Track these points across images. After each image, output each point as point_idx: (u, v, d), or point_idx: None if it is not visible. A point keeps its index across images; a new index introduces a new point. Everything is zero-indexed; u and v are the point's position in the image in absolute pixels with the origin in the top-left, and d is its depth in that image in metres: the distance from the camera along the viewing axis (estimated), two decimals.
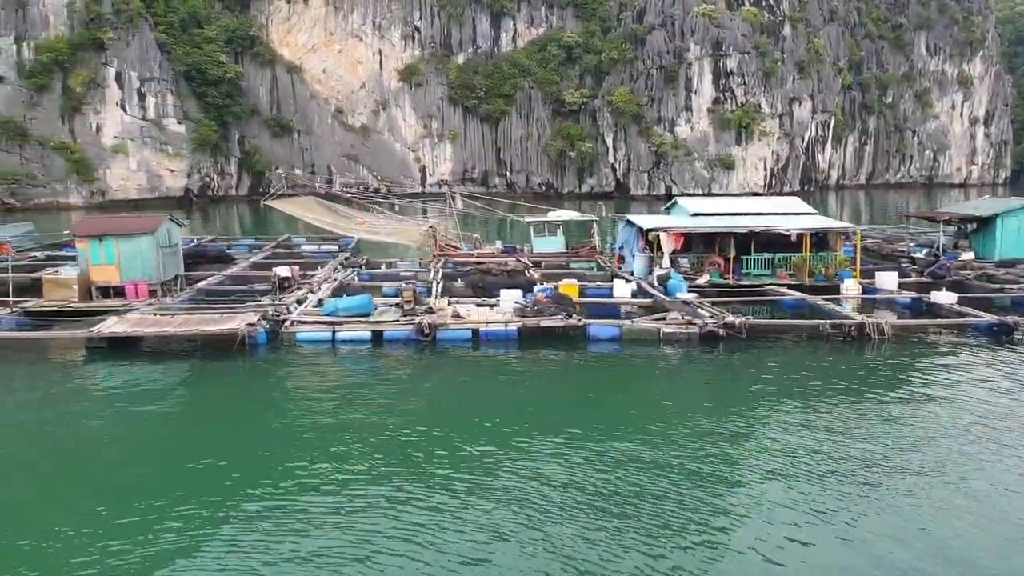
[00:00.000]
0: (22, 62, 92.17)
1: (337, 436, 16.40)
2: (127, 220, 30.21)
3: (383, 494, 13.43)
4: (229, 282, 32.95)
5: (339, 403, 18.75)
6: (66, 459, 15.65)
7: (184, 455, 15.54)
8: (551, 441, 15.83)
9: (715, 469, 14.45)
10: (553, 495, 13.27)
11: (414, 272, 36.43)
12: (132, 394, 19.72)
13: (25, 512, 13.04)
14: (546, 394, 19.95)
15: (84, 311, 26.11)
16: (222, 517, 12.72)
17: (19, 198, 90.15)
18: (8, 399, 19.54)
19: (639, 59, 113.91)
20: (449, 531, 12.08)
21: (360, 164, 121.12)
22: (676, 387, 20.86)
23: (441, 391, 20.12)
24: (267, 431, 16.97)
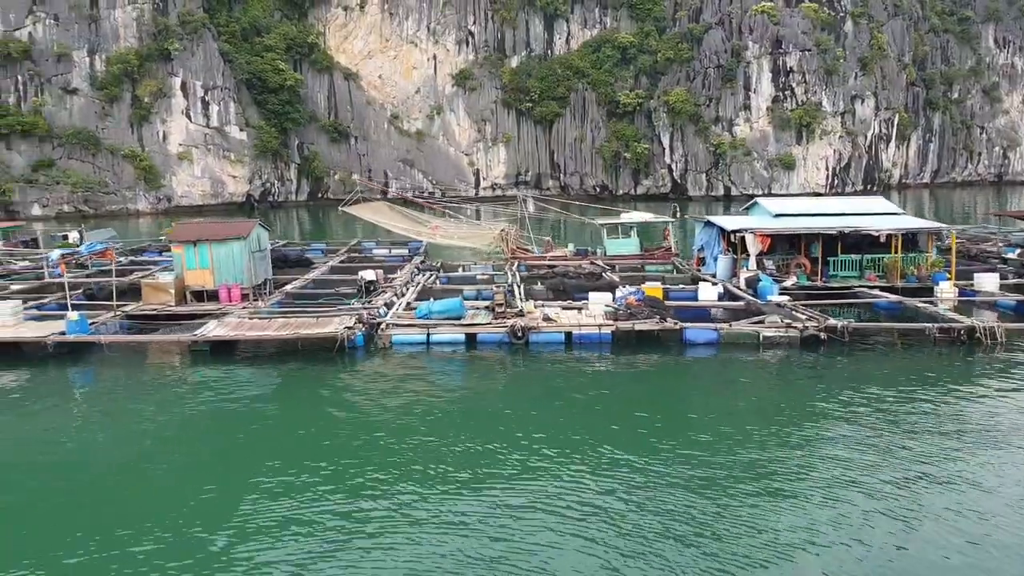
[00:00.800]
0: (94, 74, 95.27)
1: (436, 436, 16.55)
2: (220, 226, 30.85)
3: (480, 498, 13.47)
4: (313, 286, 33.38)
5: (437, 405, 18.88)
6: (178, 455, 15.94)
7: (290, 453, 15.85)
8: (650, 448, 15.57)
9: (831, 481, 13.99)
10: (648, 509, 12.94)
11: (490, 275, 36.50)
12: (237, 395, 20.09)
13: (129, 506, 13.31)
14: (643, 399, 19.60)
15: (181, 315, 26.70)
16: (326, 509, 13.12)
17: (92, 205, 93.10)
18: (121, 400, 20.04)
19: (696, 58, 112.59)
20: (546, 544, 11.91)
21: (415, 169, 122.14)
22: (780, 393, 20.33)
23: (536, 395, 19.98)
24: (369, 430, 17.19)
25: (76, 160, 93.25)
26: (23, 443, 17.01)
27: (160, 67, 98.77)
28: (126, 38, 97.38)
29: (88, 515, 13.35)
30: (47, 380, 21.91)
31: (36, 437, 17.41)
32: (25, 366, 22.87)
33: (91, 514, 13.39)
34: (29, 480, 14.82)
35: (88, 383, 22.18)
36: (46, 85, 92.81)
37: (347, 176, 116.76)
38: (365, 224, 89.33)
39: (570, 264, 38.22)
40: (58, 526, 12.83)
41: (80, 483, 14.81)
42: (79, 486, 14.67)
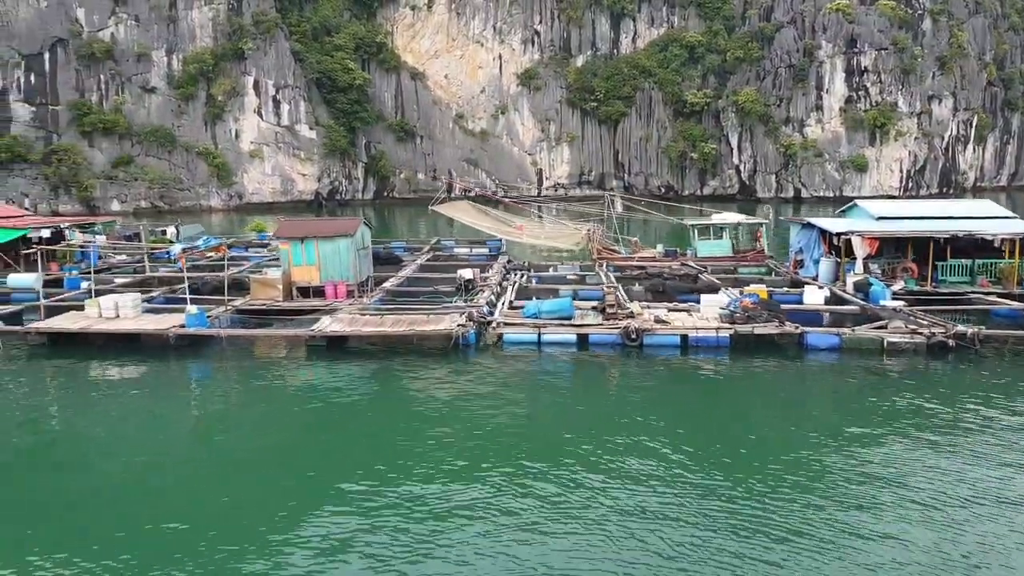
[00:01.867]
0: (172, 73, 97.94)
1: (551, 437, 16.46)
2: (327, 223, 31.23)
3: (595, 503, 13.19)
4: (407, 283, 33.55)
5: (551, 405, 18.81)
6: (301, 446, 16.04)
7: (408, 446, 15.92)
8: (776, 459, 14.97)
9: (991, 502, 13.33)
10: (771, 528, 12.40)
11: (579, 275, 36.23)
12: (355, 389, 20.32)
13: (243, 495, 13.39)
14: (764, 406, 19.01)
15: (289, 310, 27.06)
16: (439, 502, 13.18)
17: (167, 201, 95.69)
18: (242, 393, 20.35)
19: (766, 58, 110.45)
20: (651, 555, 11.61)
21: (479, 168, 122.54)
22: (910, 402, 19.41)
23: (650, 399, 19.59)
24: (484, 428, 17.14)
25: (153, 157, 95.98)
26: (152, 432, 17.34)
27: (234, 66, 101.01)
28: (202, 38, 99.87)
29: (206, 504, 13.54)
30: (169, 371, 22.38)
31: (162, 427, 17.78)
32: (146, 357, 23.40)
33: (209, 503, 13.56)
34: (160, 465, 15.08)
35: (207, 375, 22.56)
36: (126, 84, 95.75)
37: (412, 175, 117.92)
38: (430, 221, 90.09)
39: (659, 265, 37.68)
40: (173, 511, 13.02)
41: (206, 473, 15.01)
42: (207, 475, 14.87)
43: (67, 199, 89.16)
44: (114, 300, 24.85)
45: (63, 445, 16.86)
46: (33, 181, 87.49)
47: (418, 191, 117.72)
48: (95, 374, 22.13)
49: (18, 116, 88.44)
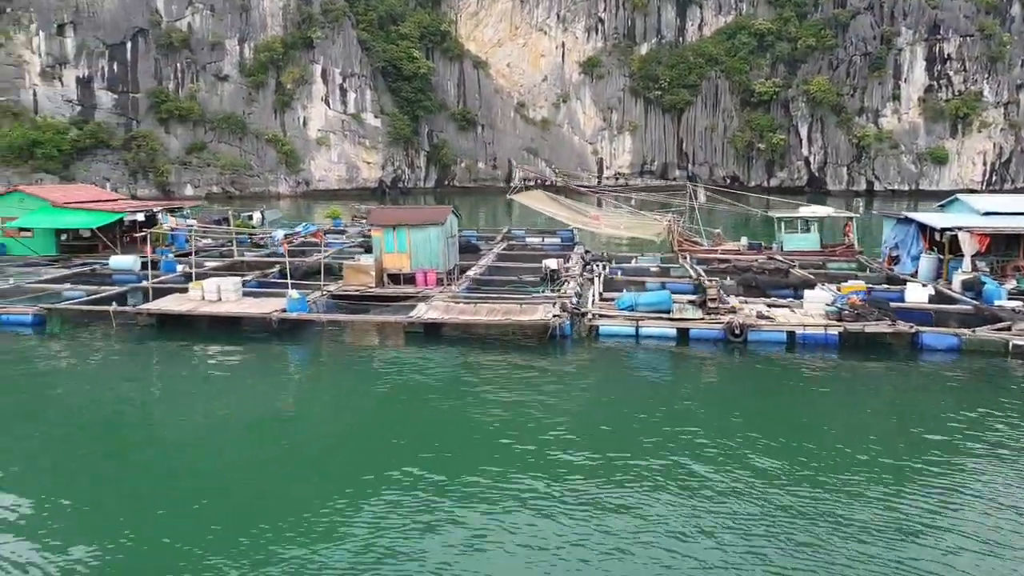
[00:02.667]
0: (243, 61, 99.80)
1: (650, 432, 16.10)
2: (419, 211, 31.38)
3: (688, 506, 12.77)
4: (488, 272, 33.45)
5: (650, 400, 18.38)
6: (398, 432, 15.96)
7: (505, 436, 15.81)
8: (892, 469, 14.17)
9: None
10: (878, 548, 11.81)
11: (662, 267, 35.67)
12: (452, 376, 20.32)
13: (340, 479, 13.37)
14: (876, 410, 18.05)
15: (382, 296, 27.24)
16: (530, 497, 12.75)
17: (237, 186, 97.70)
18: (343, 377, 20.50)
19: (840, 46, 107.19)
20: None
21: (539, 157, 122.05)
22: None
23: (754, 396, 19.04)
24: (582, 420, 16.89)
25: (225, 144, 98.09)
26: (249, 412, 17.56)
27: (302, 55, 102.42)
28: (272, 27, 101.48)
29: (291, 484, 13.63)
30: (269, 354, 22.68)
31: (260, 407, 18.02)
32: (248, 340, 23.81)
33: (295, 484, 13.62)
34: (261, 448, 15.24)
35: (306, 359, 22.83)
36: (201, 72, 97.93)
37: (473, 164, 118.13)
38: (490, 210, 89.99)
39: (744, 258, 36.85)
40: (259, 489, 13.10)
41: (300, 455, 15.09)
42: (300, 456, 14.94)
43: (144, 184, 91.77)
44: (217, 283, 25.35)
45: (165, 421, 17.23)
46: (114, 166, 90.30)
47: (478, 180, 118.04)
48: (200, 355, 22.60)
49: (102, 103, 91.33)
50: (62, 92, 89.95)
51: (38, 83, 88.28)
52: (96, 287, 29.24)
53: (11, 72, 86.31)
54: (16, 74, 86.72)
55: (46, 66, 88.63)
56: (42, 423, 16.84)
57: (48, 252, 37.58)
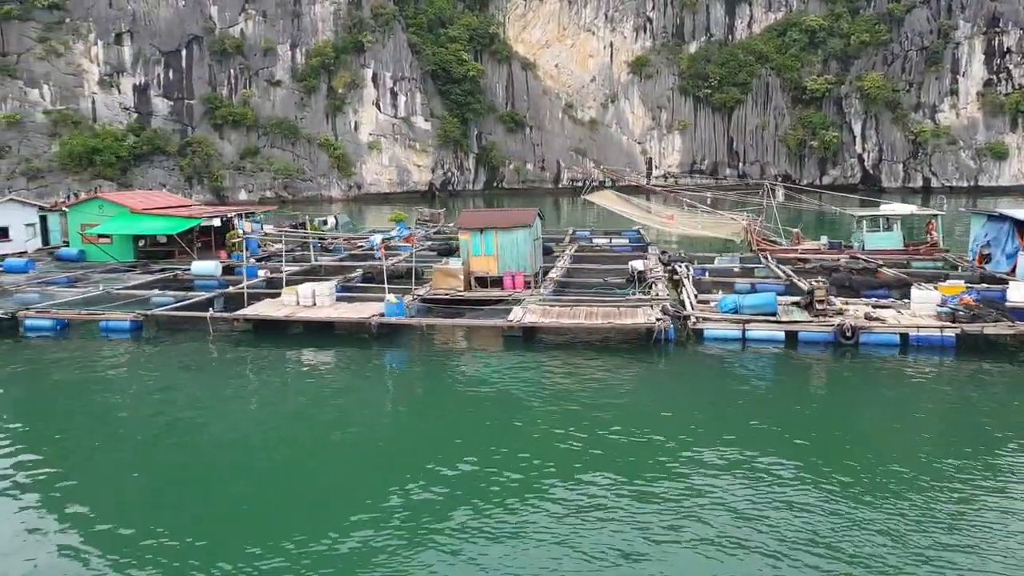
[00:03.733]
0: (295, 66, 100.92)
1: (761, 440, 15.51)
2: (506, 213, 31.14)
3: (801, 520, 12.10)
4: (567, 274, 33.02)
5: (761, 406, 17.84)
6: (498, 436, 15.64)
7: (605, 440, 15.33)
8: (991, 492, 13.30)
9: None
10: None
11: (744, 267, 34.98)
12: (553, 381, 19.80)
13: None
14: (1009, 419, 17.35)
15: (472, 300, 27.03)
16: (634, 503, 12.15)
17: (290, 191, 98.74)
18: (437, 381, 20.25)
19: (895, 41, 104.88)
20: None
21: (587, 158, 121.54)
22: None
23: (868, 403, 18.24)
24: (687, 427, 16.38)
25: (278, 148, 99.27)
26: (348, 415, 17.43)
27: (353, 59, 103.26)
28: (323, 32, 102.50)
29: (381, 485, 13.30)
30: (368, 359, 22.53)
31: (359, 411, 17.97)
32: (345, 345, 23.74)
33: (388, 484, 13.30)
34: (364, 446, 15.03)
35: (404, 363, 22.64)
36: (253, 78, 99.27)
37: (521, 165, 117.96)
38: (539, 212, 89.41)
39: (824, 257, 35.99)
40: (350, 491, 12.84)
41: (394, 459, 14.74)
42: (395, 460, 14.63)
43: (199, 189, 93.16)
44: (312, 288, 25.38)
45: (261, 424, 17.23)
46: (170, 172, 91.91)
47: (526, 181, 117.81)
48: (298, 360, 22.57)
49: (157, 110, 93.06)
50: (119, 100, 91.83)
51: (96, 91, 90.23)
52: (183, 293, 29.51)
53: (71, 81, 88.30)
54: (76, 83, 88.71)
55: (104, 74, 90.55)
56: (145, 425, 16.94)
57: (126, 258, 38.15)
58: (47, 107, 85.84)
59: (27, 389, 20.21)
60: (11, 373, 21.40)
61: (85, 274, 34.27)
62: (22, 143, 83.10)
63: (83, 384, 20.31)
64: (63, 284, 32.23)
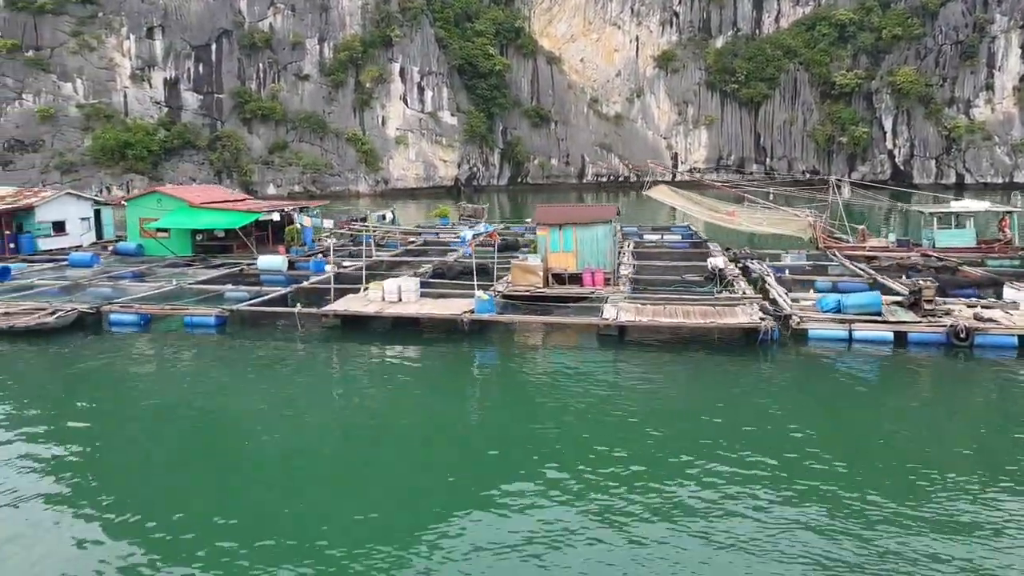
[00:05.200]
0: (323, 61, 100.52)
1: (872, 451, 14.85)
2: (585, 209, 30.71)
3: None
4: (637, 271, 32.47)
5: (877, 409, 17.25)
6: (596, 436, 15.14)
7: (712, 448, 14.71)
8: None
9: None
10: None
11: (812, 265, 34.39)
12: (649, 383, 19.28)
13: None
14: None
15: (553, 297, 26.55)
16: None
17: (318, 185, 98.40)
18: (529, 380, 19.74)
19: (928, 35, 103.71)
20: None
21: (612, 153, 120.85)
22: None
23: (983, 410, 17.74)
24: (787, 431, 15.79)
25: (306, 143, 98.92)
26: (435, 413, 16.96)
27: (381, 53, 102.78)
28: (351, 26, 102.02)
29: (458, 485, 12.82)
30: (458, 356, 22.06)
31: (446, 409, 17.59)
32: (431, 341, 23.30)
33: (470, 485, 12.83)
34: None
35: (493, 361, 22.12)
36: (282, 72, 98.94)
37: (546, 161, 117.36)
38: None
39: (893, 255, 35.35)
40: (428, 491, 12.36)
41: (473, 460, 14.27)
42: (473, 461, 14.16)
43: (229, 183, 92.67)
44: (397, 284, 24.96)
45: (359, 420, 16.97)
46: (199, 166, 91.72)
47: (551, 176, 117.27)
48: (388, 356, 22.21)
49: (188, 105, 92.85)
50: (150, 94, 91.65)
51: (128, 85, 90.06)
52: (257, 288, 29.16)
53: (103, 75, 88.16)
54: (108, 77, 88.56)
55: (136, 69, 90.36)
56: (242, 420, 16.71)
57: (184, 252, 37.84)
58: (80, 101, 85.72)
59: (118, 383, 19.82)
60: (100, 367, 21.11)
61: (150, 268, 33.97)
62: (55, 137, 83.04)
63: (173, 379, 19.98)
64: (128, 279, 31.94)
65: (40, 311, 24.33)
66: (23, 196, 39.77)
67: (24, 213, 37.94)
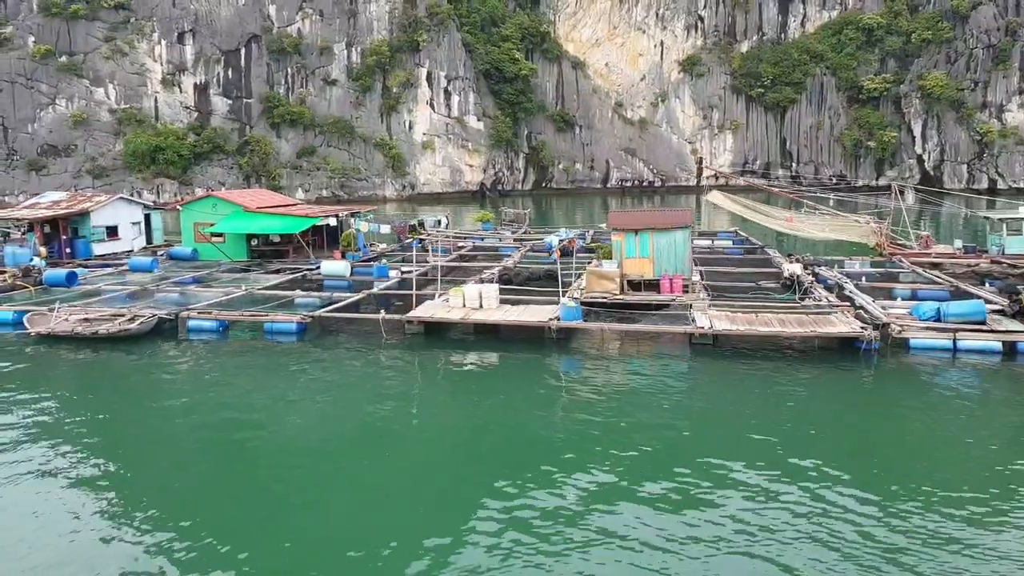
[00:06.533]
0: (351, 66, 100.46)
1: (956, 463, 14.42)
2: (662, 214, 30.16)
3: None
4: (705, 277, 31.95)
5: (983, 427, 16.51)
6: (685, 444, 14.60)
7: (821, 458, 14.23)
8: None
9: None
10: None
11: (883, 272, 33.78)
12: (747, 393, 18.79)
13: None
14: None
15: (634, 304, 26.07)
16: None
17: (346, 190, 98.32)
18: (616, 389, 19.26)
19: (959, 38, 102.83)
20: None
21: (636, 158, 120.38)
22: None
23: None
24: (884, 445, 15.32)
25: (334, 148, 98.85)
26: (516, 420, 16.46)
27: (408, 58, 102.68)
28: (379, 31, 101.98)
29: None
30: (542, 363, 21.60)
31: (527, 415, 16.93)
32: (513, 348, 22.83)
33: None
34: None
35: (577, 368, 21.59)
36: (310, 77, 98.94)
37: (570, 165, 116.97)
38: (586, 212, 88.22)
39: (962, 262, 34.71)
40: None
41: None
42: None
43: (257, 187, 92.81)
44: (479, 290, 24.53)
45: (457, 429, 16.63)
46: (228, 170, 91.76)
47: (575, 181, 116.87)
48: (474, 363, 21.76)
49: (217, 109, 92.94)
50: (180, 99, 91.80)
51: (159, 90, 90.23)
52: (327, 294, 28.77)
53: (135, 80, 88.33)
54: (139, 82, 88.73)
55: (166, 74, 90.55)
56: (345, 427, 16.35)
57: (240, 257, 37.56)
58: (112, 106, 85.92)
59: (206, 389, 19.43)
60: (186, 373, 20.85)
61: (210, 273, 33.68)
62: (88, 142, 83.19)
63: (262, 388, 19.53)
64: (190, 284, 31.65)
65: (119, 317, 24.02)
66: (78, 201, 39.60)
67: (79, 218, 37.76)
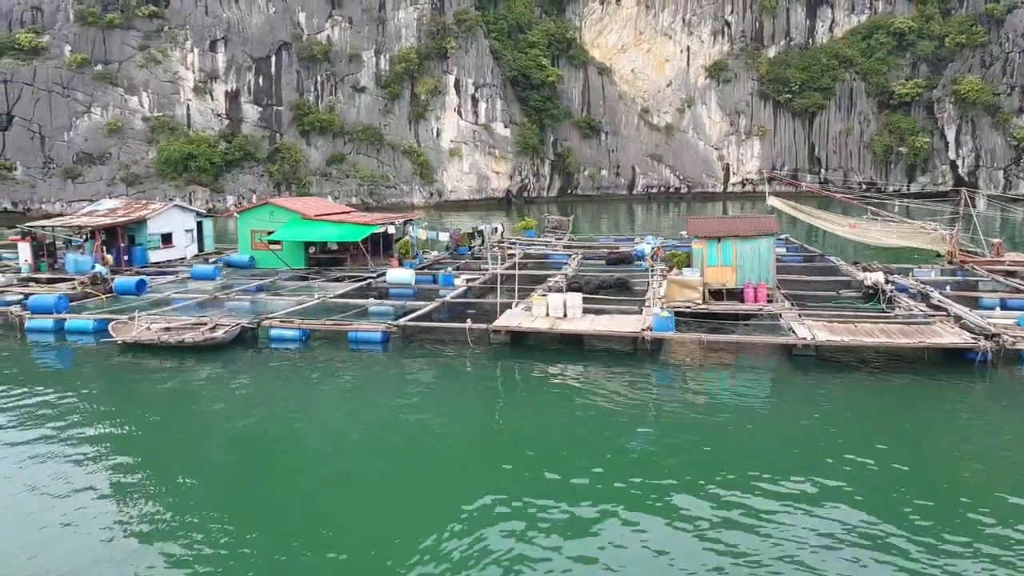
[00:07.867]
0: (380, 73, 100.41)
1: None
2: (745, 221, 29.56)
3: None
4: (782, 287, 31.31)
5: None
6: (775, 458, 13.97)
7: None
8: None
9: None
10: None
11: (959, 280, 33.03)
12: (843, 405, 18.33)
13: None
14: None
15: (721, 314, 25.44)
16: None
17: (375, 197, 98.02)
18: (716, 401, 18.68)
19: (994, 42, 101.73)
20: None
21: (662, 164, 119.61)
22: None
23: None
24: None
25: (363, 155, 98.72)
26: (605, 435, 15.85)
27: (436, 65, 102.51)
28: (407, 38, 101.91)
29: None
30: (632, 373, 20.97)
31: (615, 431, 16.31)
32: (603, 359, 22.26)
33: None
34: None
35: (669, 380, 20.99)
36: (339, 84, 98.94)
37: (596, 172, 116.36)
38: (612, 219, 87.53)
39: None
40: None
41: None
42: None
43: (288, 195, 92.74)
44: (563, 299, 24.01)
45: (558, 443, 15.85)
46: (259, 178, 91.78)
47: (601, 188, 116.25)
48: (565, 373, 21.15)
49: (248, 117, 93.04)
50: (212, 106, 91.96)
51: (191, 98, 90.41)
52: (400, 303, 28.32)
53: (168, 88, 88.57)
54: (172, 90, 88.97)
55: (199, 81, 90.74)
56: (445, 438, 15.74)
57: (298, 264, 37.22)
58: (146, 114, 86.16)
59: (298, 399, 18.97)
60: (276, 382, 20.39)
61: (273, 282, 33.31)
62: (122, 149, 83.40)
63: (354, 398, 19.17)
64: (254, 292, 31.29)
65: (202, 325, 23.65)
66: (134, 209, 39.39)
67: (136, 226, 37.53)
